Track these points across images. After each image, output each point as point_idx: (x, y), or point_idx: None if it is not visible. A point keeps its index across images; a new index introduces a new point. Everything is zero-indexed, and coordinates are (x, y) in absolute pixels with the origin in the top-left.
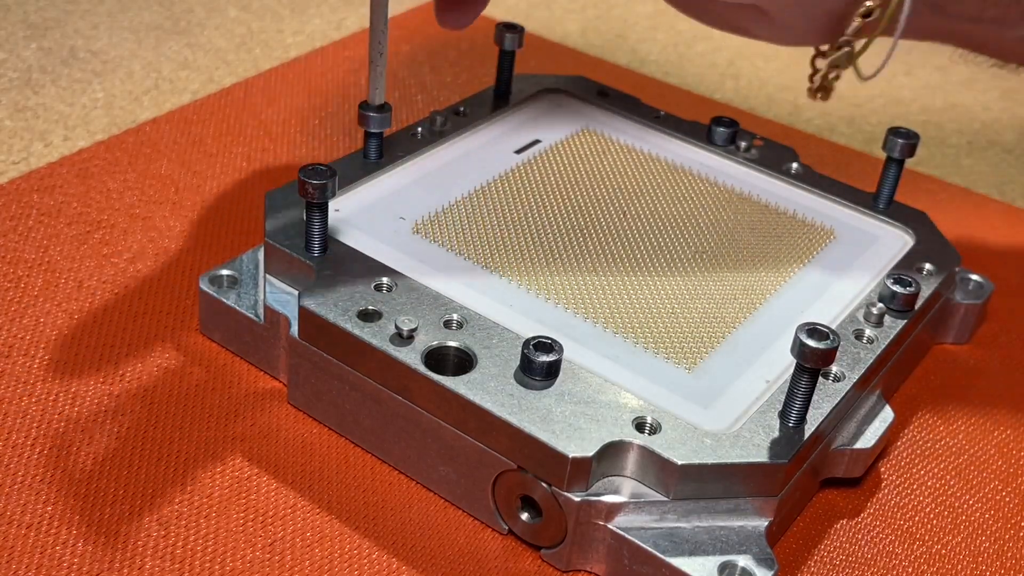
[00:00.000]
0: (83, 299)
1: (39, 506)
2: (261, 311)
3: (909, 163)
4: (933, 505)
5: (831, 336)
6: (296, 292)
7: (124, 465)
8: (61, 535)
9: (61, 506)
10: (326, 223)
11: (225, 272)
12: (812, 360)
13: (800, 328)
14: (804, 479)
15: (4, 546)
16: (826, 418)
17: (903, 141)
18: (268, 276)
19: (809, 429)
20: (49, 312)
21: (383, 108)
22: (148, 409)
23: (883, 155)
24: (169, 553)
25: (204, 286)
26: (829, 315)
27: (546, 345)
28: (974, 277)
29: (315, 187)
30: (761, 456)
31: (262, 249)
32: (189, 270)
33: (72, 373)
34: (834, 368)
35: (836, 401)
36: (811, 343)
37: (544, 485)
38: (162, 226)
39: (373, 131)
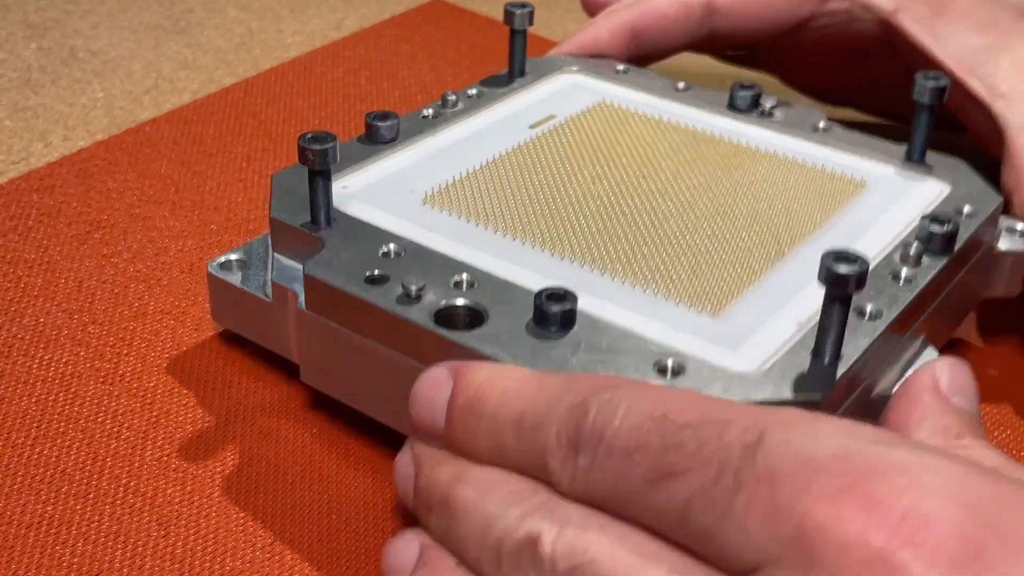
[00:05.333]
0: (83, 299)
1: (39, 506)
2: (270, 290)
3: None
4: None
5: (859, 260)
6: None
7: (124, 465)
8: (61, 535)
9: (61, 506)
10: (329, 192)
11: (234, 257)
12: (841, 285)
13: (826, 255)
14: None
15: (4, 546)
16: (863, 355)
17: (933, 84)
18: (275, 254)
19: (844, 366)
20: (49, 312)
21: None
22: (148, 409)
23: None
24: (169, 553)
25: (213, 270)
26: None
27: (559, 295)
28: (1020, 226)
29: (315, 152)
30: (796, 393)
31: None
32: (189, 270)
33: (72, 373)
34: (869, 306)
35: (873, 337)
36: (840, 268)
37: None
38: (162, 226)
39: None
